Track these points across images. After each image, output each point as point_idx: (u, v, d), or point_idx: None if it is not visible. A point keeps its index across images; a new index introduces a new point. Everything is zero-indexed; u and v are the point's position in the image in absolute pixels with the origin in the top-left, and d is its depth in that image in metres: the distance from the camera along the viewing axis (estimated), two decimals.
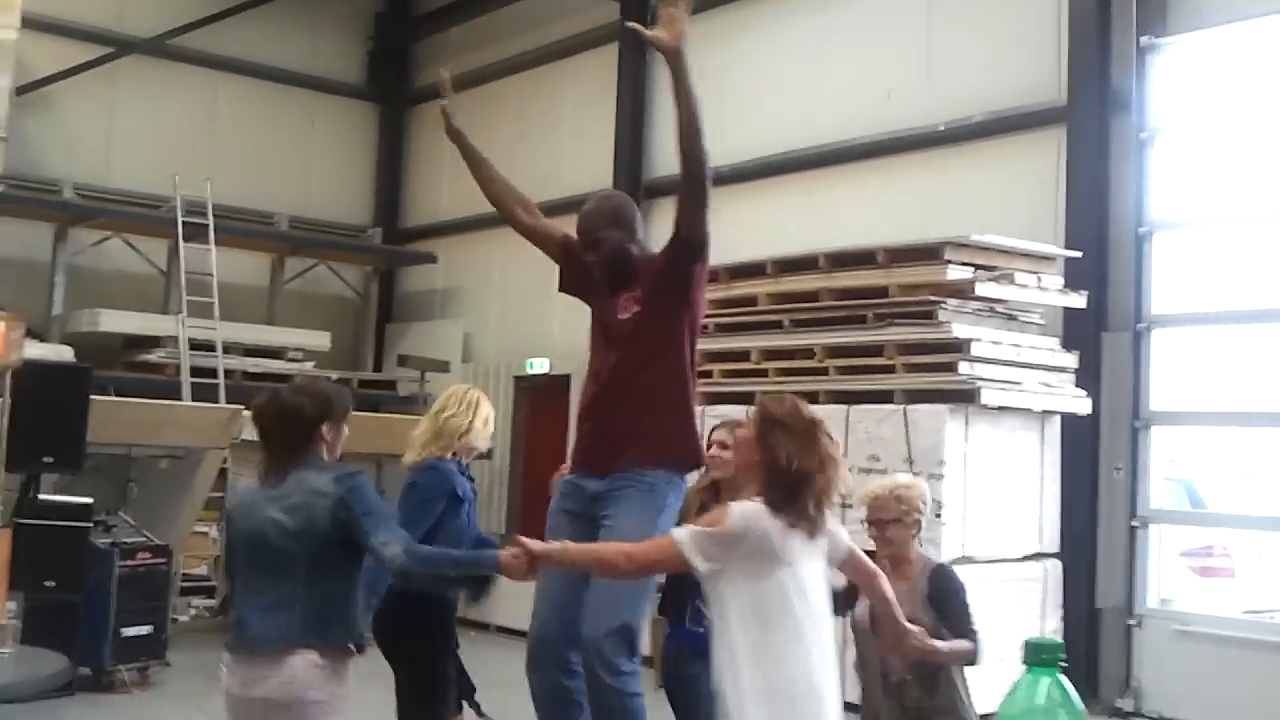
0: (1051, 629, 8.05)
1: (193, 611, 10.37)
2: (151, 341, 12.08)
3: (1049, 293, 8.26)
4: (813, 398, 8.32)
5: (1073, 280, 8.40)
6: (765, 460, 3.29)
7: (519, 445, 12.70)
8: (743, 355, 8.95)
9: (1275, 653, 7.41)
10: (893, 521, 4.09)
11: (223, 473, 9.72)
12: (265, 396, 3.74)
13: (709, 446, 4.57)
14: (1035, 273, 8.21)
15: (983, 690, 7.53)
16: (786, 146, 10.76)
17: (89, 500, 7.91)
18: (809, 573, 3.25)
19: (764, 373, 8.78)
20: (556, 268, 4.83)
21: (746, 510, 3.24)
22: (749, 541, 3.19)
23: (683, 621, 4.48)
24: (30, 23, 11.54)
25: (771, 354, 8.79)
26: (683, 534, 3.28)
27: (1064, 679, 1.28)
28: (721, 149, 11.48)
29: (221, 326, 11.95)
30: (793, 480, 3.24)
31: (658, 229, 11.47)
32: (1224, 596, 8.83)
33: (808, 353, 8.53)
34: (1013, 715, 1.27)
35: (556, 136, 13.21)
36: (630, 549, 3.54)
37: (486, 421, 4.98)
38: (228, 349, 12.02)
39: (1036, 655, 1.28)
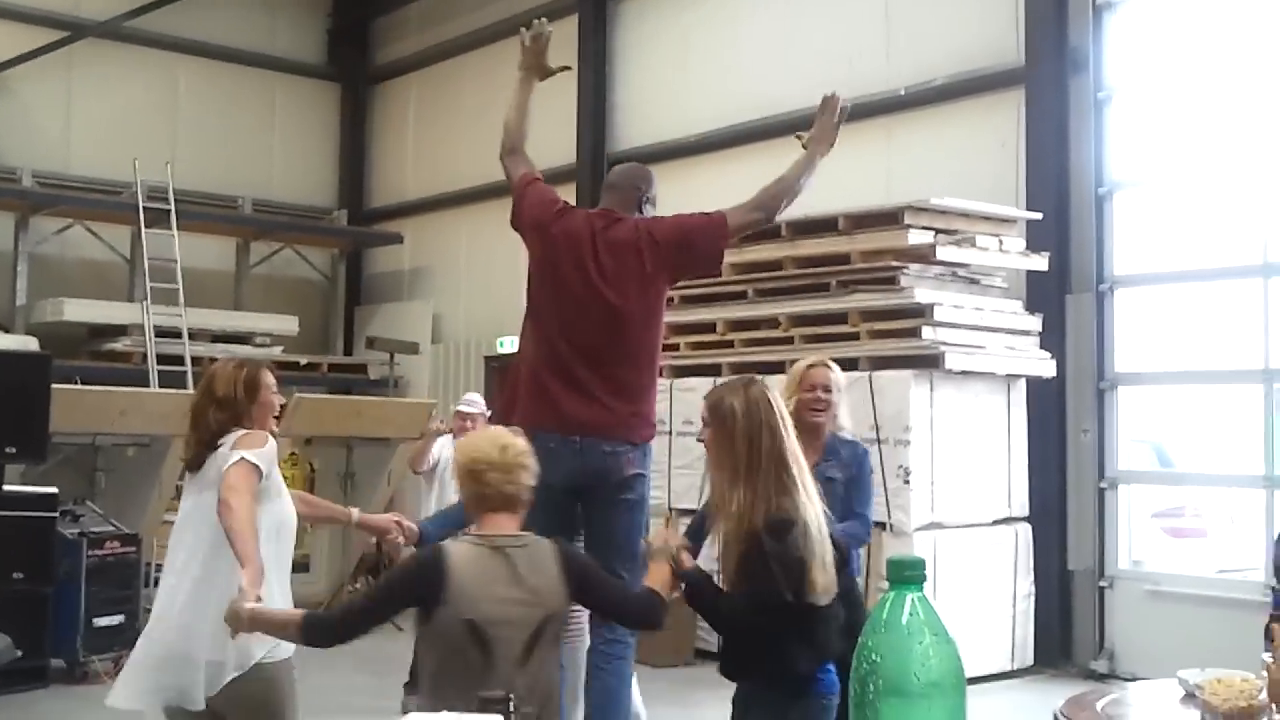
0: (1024, 593, 8.10)
1: None
2: (117, 330, 11.99)
3: (1011, 255, 8.28)
4: (778, 367, 8.32)
5: (1034, 242, 8.41)
6: None
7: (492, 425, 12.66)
8: (709, 327, 8.95)
9: (1246, 610, 7.43)
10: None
11: None
12: None
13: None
14: (997, 235, 8.22)
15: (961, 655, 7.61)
16: (750, 115, 10.72)
17: (54, 490, 7.82)
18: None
19: (730, 344, 8.78)
20: (519, 245, 4.79)
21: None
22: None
23: None
24: None
25: (737, 324, 8.78)
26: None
27: (927, 596, 1.27)
28: (684, 119, 11.59)
29: (187, 313, 11.85)
30: None
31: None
32: (1196, 557, 8.89)
33: (773, 322, 8.52)
34: (877, 631, 1.25)
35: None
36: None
37: None
38: (194, 335, 11.93)
39: (899, 572, 1.26)
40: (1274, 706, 2.84)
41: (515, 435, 3.27)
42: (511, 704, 2.35)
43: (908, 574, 1.26)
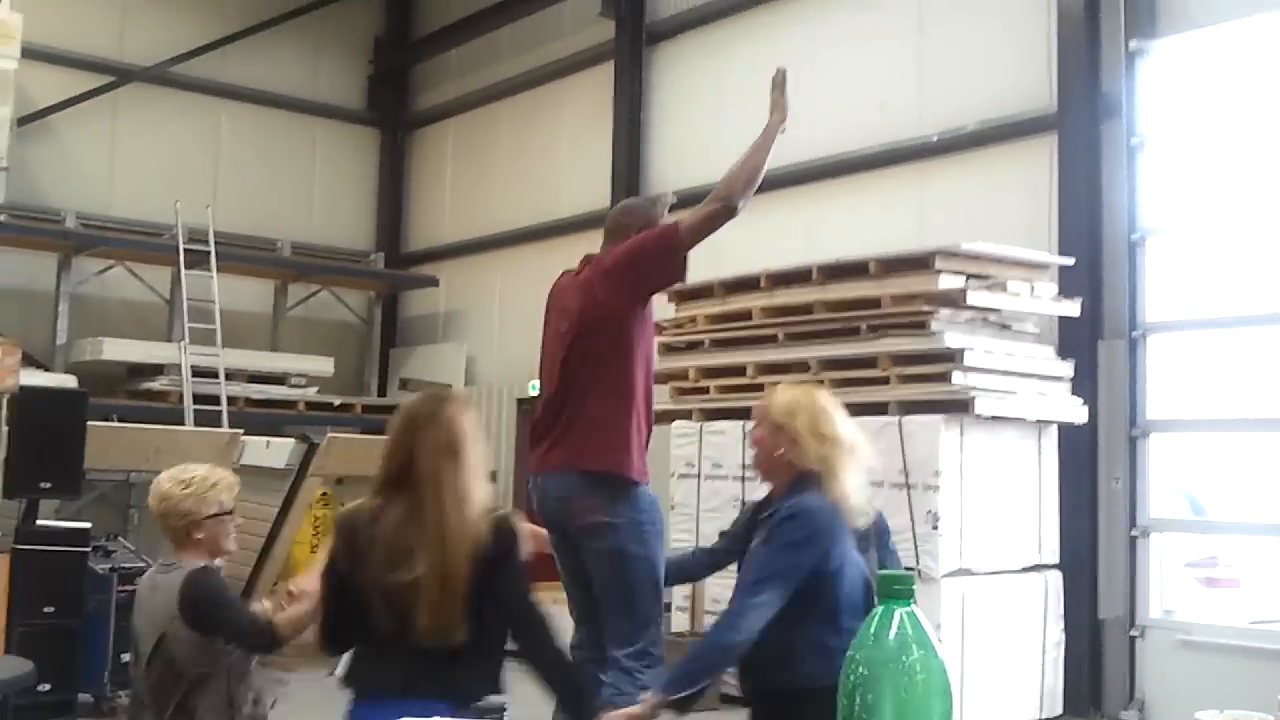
0: (1053, 641, 8.01)
1: None
2: (155, 369, 12.13)
3: (1042, 301, 8.24)
4: None
5: (1067, 288, 8.37)
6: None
7: (523, 467, 12.70)
8: (739, 370, 8.95)
9: (1278, 661, 7.35)
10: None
11: None
12: None
13: None
14: (1028, 281, 8.19)
15: (984, 704, 7.52)
16: (782, 161, 10.65)
17: (87, 525, 7.92)
18: None
19: (759, 387, 8.75)
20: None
21: None
22: None
23: None
24: (31, 53, 11.63)
25: (767, 368, 8.78)
26: None
27: (918, 611, 1.27)
28: (718, 163, 11.55)
29: (224, 353, 11.99)
30: None
31: None
32: (1229, 606, 8.75)
33: (803, 366, 8.51)
34: (865, 645, 1.25)
35: (554, 156, 13.26)
36: None
37: None
38: (231, 376, 12.06)
39: (889, 587, 1.27)
40: None
41: (186, 471, 3.82)
42: None
43: (897, 588, 1.27)
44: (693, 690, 3.32)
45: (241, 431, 9.44)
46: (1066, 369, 8.27)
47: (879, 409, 7.94)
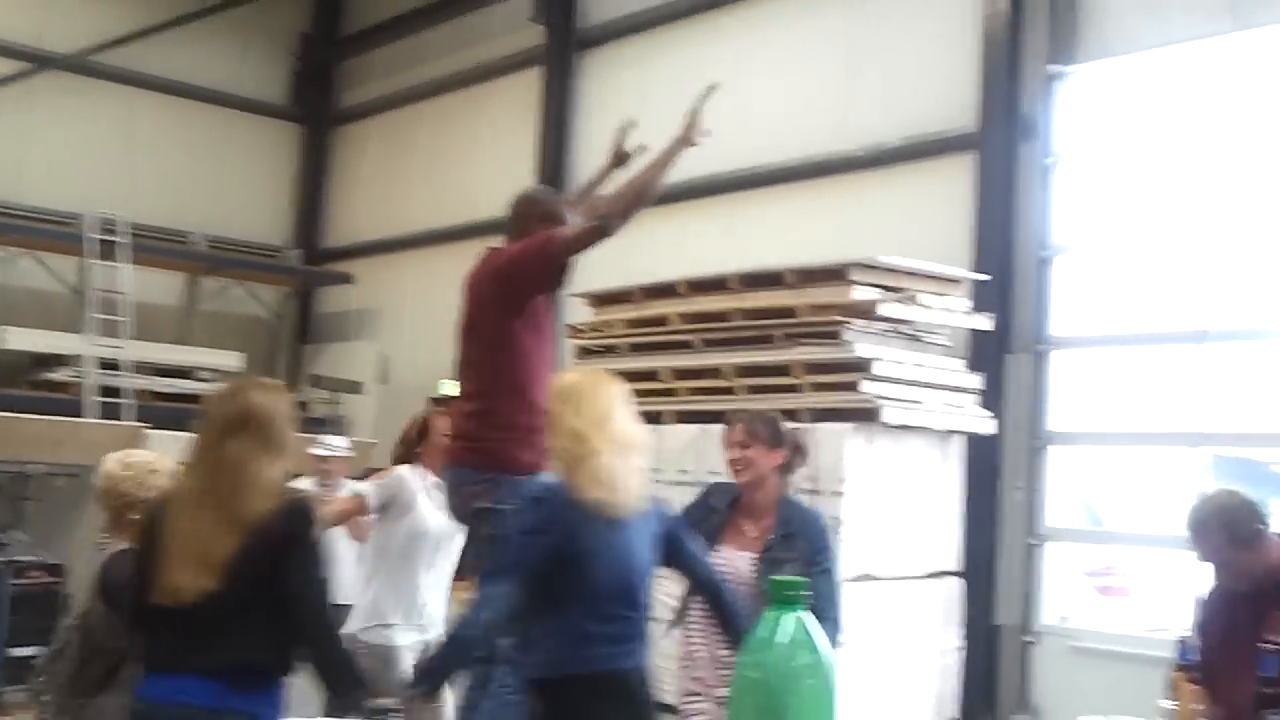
0: (952, 646, 8.13)
1: None
2: (59, 360, 11.88)
3: (955, 314, 8.37)
4: (720, 417, 8.36)
5: (980, 302, 8.52)
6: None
7: None
8: (653, 375, 8.97)
9: (1167, 668, 7.53)
10: None
11: None
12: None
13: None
14: (941, 294, 8.31)
15: (883, 708, 7.62)
16: (706, 169, 10.82)
17: None
18: None
19: (674, 392, 8.81)
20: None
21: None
22: None
23: None
24: None
25: (682, 374, 8.81)
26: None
27: (808, 617, 1.29)
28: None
29: (131, 346, 11.77)
30: None
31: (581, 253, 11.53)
32: (1124, 615, 8.97)
33: (717, 372, 8.57)
34: (756, 651, 1.28)
35: (475, 159, 13.20)
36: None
37: None
38: (139, 369, 11.84)
39: (780, 592, 1.29)
40: None
41: (131, 455, 4.11)
42: None
43: (788, 594, 1.29)
44: (439, 681, 3.66)
45: (147, 425, 9.28)
46: (975, 381, 8.40)
47: (791, 416, 7.98)
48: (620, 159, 5.00)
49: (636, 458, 3.50)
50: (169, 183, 13.82)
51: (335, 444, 7.72)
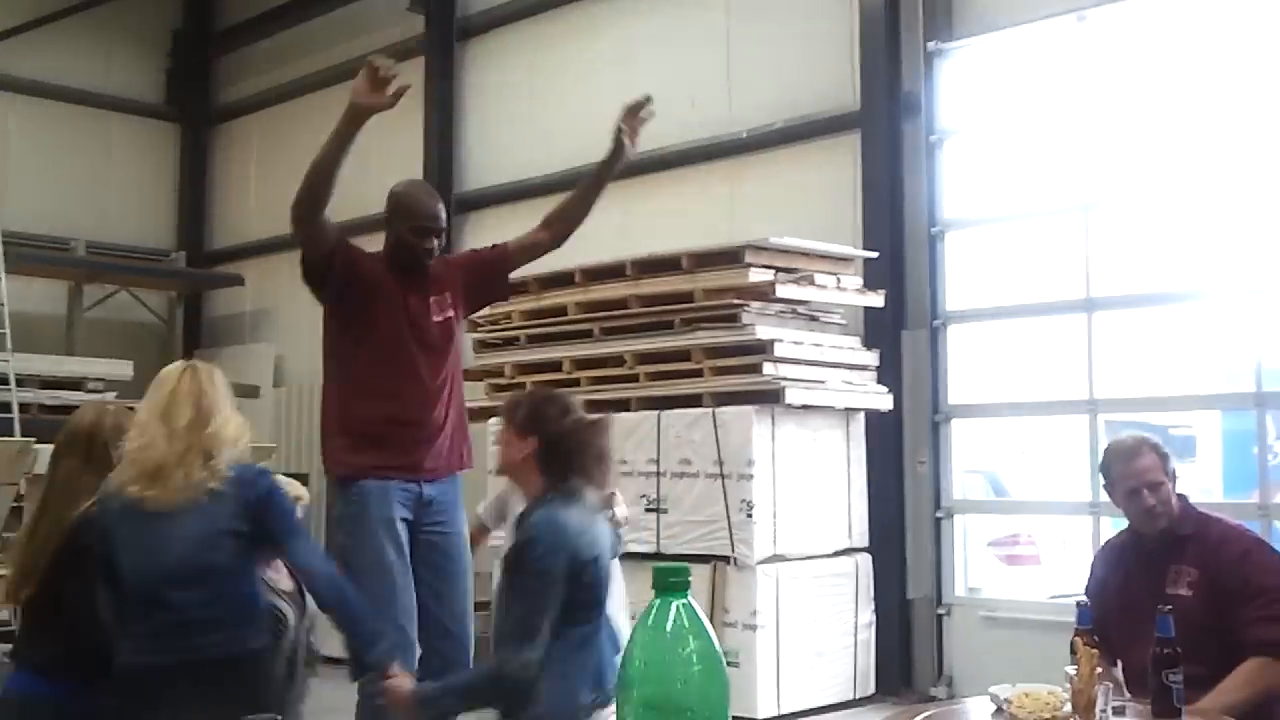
0: (865, 621, 8.24)
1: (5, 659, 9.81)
2: None
3: (848, 293, 8.46)
4: (624, 404, 8.37)
5: (871, 280, 8.62)
6: None
7: None
8: (555, 366, 8.94)
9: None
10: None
11: (16, 510, 9.24)
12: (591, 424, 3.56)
13: None
14: (834, 274, 8.40)
15: (800, 686, 7.68)
16: (596, 156, 10.76)
17: None
18: None
19: (576, 382, 8.77)
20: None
21: None
22: None
23: None
24: None
25: (583, 363, 8.80)
26: None
27: (694, 603, 1.28)
28: (531, 160, 11.59)
29: (14, 358, 11.38)
30: None
31: (469, 241, 11.44)
32: (1031, 582, 9.15)
33: (618, 360, 8.56)
34: (643, 638, 1.25)
35: (363, 153, 12.87)
36: None
37: None
38: (22, 382, 11.44)
39: (664, 580, 1.27)
40: (1077, 717, 2.93)
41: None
42: None
43: (672, 581, 1.27)
44: None
45: (34, 440, 8.98)
46: (872, 358, 8.51)
47: (694, 401, 8.06)
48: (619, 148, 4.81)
49: (203, 445, 3.41)
50: (45, 188, 13.39)
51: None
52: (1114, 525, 7.24)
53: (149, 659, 3.37)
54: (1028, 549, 9.74)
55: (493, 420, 9.14)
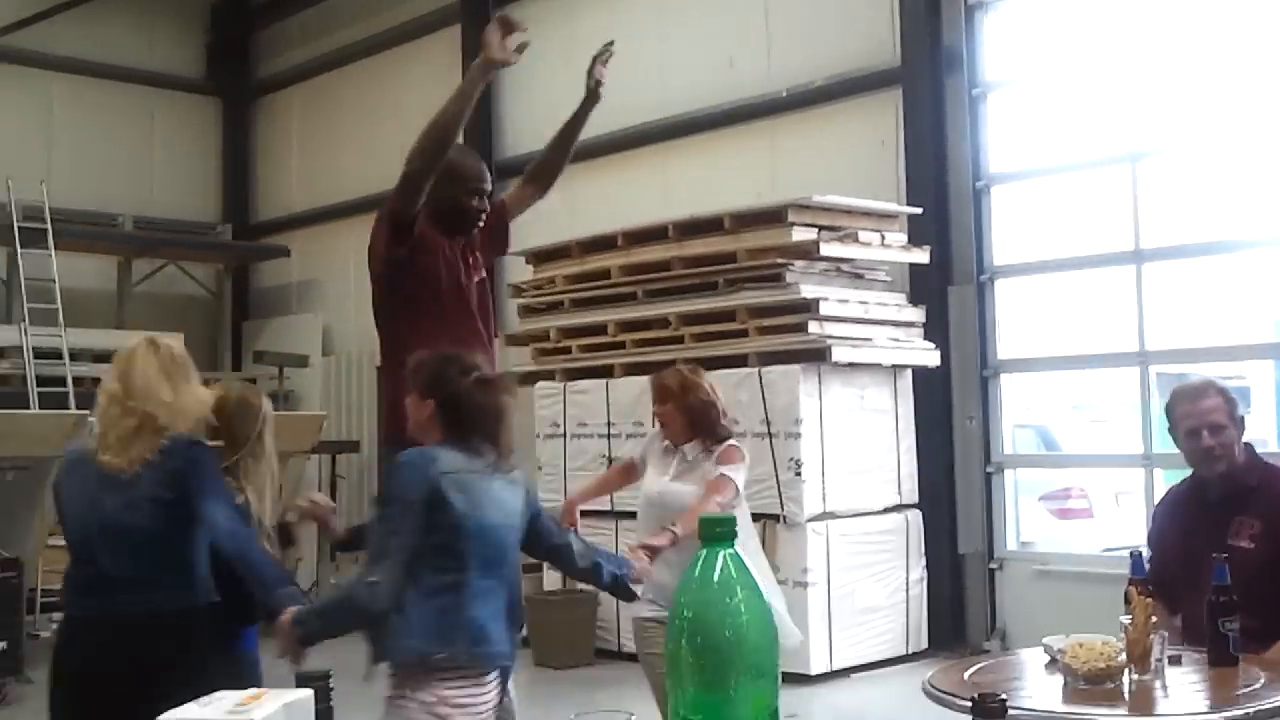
0: (915, 577, 8.23)
1: (54, 626, 10.01)
2: None
3: (893, 249, 8.41)
4: (670, 366, 8.37)
5: (916, 236, 8.56)
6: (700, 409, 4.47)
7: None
8: (599, 329, 8.96)
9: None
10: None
11: None
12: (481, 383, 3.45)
13: None
14: (879, 230, 8.35)
15: (852, 643, 7.70)
16: (634, 120, 10.76)
17: None
18: None
19: (621, 345, 8.80)
20: None
21: (737, 442, 4.48)
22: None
23: None
24: None
25: (627, 326, 8.80)
26: (734, 474, 4.34)
27: (741, 552, 1.28)
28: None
29: (68, 333, 11.56)
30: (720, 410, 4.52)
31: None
32: (1083, 536, 9.11)
33: (663, 322, 8.57)
34: (691, 589, 1.26)
35: (403, 121, 12.97)
36: (719, 498, 4.27)
37: None
38: (76, 356, 11.63)
39: (711, 530, 1.28)
40: (1132, 667, 2.92)
41: None
42: None
43: (719, 531, 1.27)
44: None
45: (89, 413, 9.13)
46: (918, 315, 8.46)
47: (739, 361, 8.04)
48: (592, 95, 4.77)
49: (158, 416, 3.55)
50: (89, 165, 13.52)
51: None
52: (1166, 478, 7.23)
53: (74, 611, 3.67)
54: (1079, 503, 9.68)
55: (539, 384, 9.22)
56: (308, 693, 1.15)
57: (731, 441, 4.47)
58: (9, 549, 8.23)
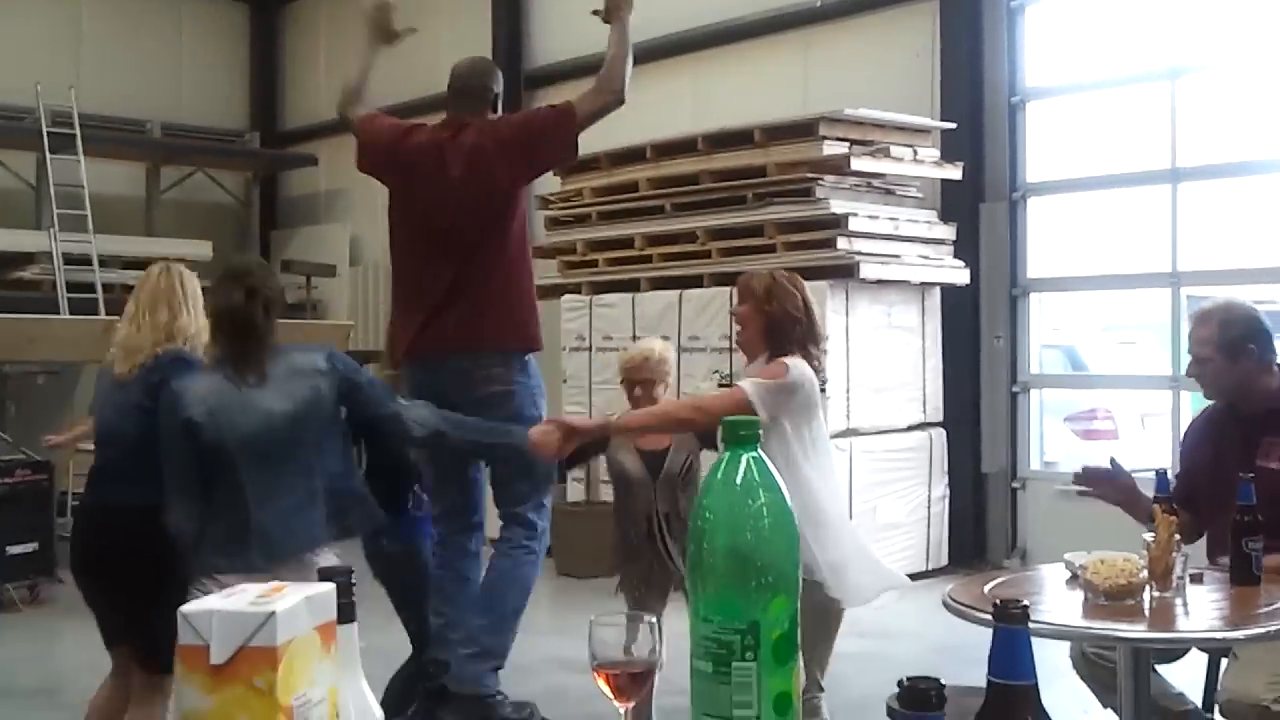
0: (938, 495, 8.26)
1: None
2: (24, 258, 11.69)
3: (925, 165, 8.31)
4: (696, 280, 8.36)
5: (949, 152, 8.45)
6: (780, 320, 3.77)
7: None
8: (626, 242, 8.92)
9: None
10: (644, 381, 4.35)
11: None
12: (224, 294, 3.70)
13: None
14: (911, 145, 8.25)
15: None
16: (667, 29, 10.60)
17: None
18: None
19: (648, 258, 8.76)
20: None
21: (797, 363, 3.70)
22: (803, 391, 3.67)
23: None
24: None
25: (654, 239, 8.76)
26: (749, 386, 3.64)
27: (763, 456, 1.28)
28: (601, 35, 11.33)
29: (97, 239, 11.59)
30: (809, 330, 3.81)
31: None
32: (1108, 458, 9.06)
33: (690, 236, 8.52)
34: (713, 491, 1.26)
35: (432, 29, 12.82)
36: (701, 402, 4.22)
37: None
38: (105, 262, 11.67)
39: (734, 432, 1.27)
40: (1154, 583, 2.92)
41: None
42: None
43: (742, 433, 1.26)
44: None
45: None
46: (949, 232, 8.38)
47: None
48: (387, 38, 4.82)
49: (166, 334, 3.91)
50: (118, 71, 13.45)
51: None
52: (1193, 401, 7.18)
53: (85, 498, 4.14)
54: (1105, 424, 9.65)
55: (565, 297, 9.21)
56: (329, 586, 1.15)
57: (786, 360, 3.71)
58: (40, 452, 8.34)
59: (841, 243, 7.77)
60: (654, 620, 1.42)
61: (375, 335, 12.62)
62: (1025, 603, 1.15)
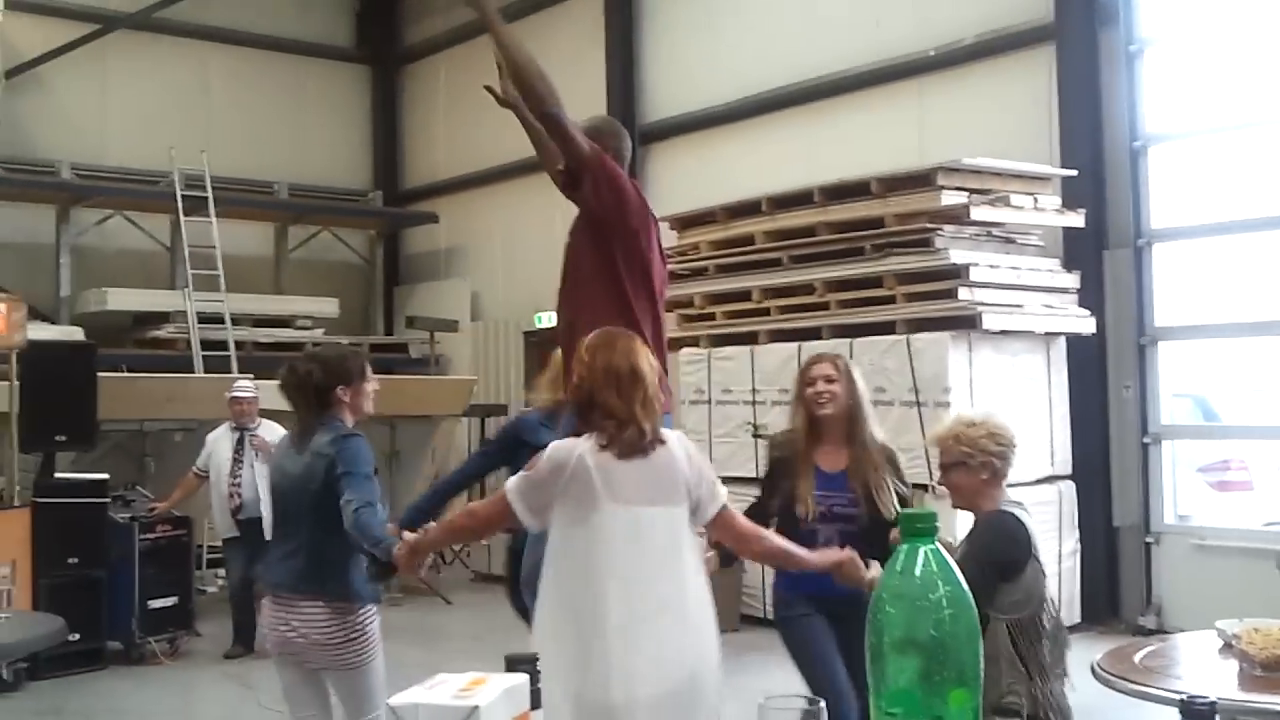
0: (1069, 549, 8.08)
1: (220, 582, 10.45)
2: (160, 317, 12.12)
3: (1046, 213, 8.22)
4: (815, 333, 8.34)
5: (1070, 199, 8.35)
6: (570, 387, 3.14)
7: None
8: (744, 295, 8.95)
9: None
10: (954, 466, 3.64)
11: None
12: (285, 366, 4.13)
13: (811, 384, 4.19)
14: (1031, 193, 8.17)
15: None
16: (780, 82, 10.68)
17: (104, 476, 7.99)
18: (647, 516, 2.93)
19: (766, 311, 8.78)
20: (554, 220, 4.63)
21: (559, 443, 3.01)
22: (565, 473, 2.92)
23: None
24: (14, 3, 11.50)
25: (772, 292, 8.78)
26: (512, 482, 3.03)
27: (941, 548, 1.29)
28: (712, 89, 11.55)
29: (229, 298, 11.97)
30: (584, 399, 3.02)
31: (654, 172, 11.50)
32: (1243, 509, 8.81)
33: (808, 288, 8.52)
34: (893, 585, 1.28)
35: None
36: (472, 507, 3.40)
37: None
38: (237, 320, 12.05)
39: (912, 526, 1.29)
40: None
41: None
42: None
43: (920, 526, 1.28)
44: None
45: (251, 376, 9.46)
46: (1073, 280, 8.27)
47: (886, 328, 7.96)
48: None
49: None
50: (246, 134, 13.93)
51: (247, 388, 8.11)
52: None
53: None
54: (1240, 475, 9.35)
55: (684, 351, 9.26)
56: (523, 678, 1.20)
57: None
58: (180, 509, 8.60)
59: (963, 293, 7.70)
60: (823, 706, 1.43)
61: (498, 389, 12.82)
62: (1213, 699, 1.15)
